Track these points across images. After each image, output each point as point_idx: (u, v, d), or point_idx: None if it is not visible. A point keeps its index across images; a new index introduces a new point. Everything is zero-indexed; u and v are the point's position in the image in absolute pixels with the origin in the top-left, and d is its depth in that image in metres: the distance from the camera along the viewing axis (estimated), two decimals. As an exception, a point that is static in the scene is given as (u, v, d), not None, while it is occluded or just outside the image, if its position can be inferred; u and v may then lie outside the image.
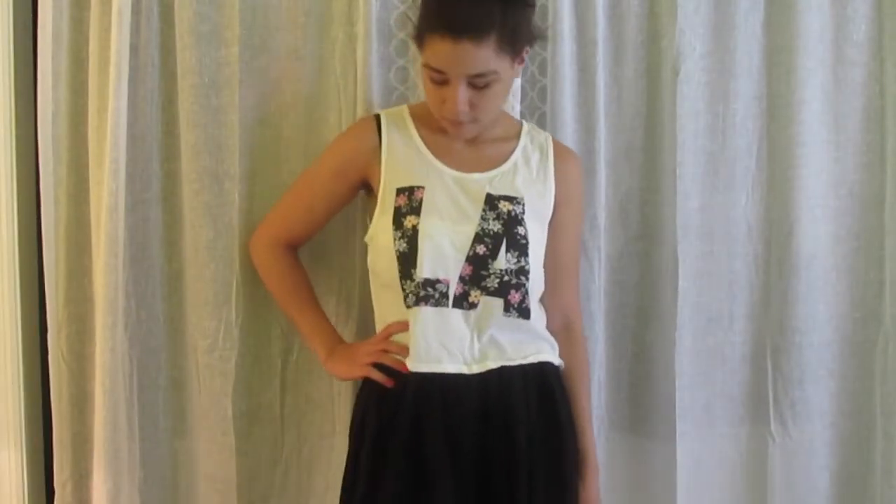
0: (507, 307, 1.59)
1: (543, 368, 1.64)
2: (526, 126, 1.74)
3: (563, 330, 1.73)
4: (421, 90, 1.79)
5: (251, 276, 1.80)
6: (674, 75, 1.89)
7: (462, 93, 1.52)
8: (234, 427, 1.81)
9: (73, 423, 1.84)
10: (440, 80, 1.52)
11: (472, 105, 1.54)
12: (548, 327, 1.69)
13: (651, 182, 1.95)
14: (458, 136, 1.63)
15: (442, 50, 1.49)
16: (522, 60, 1.59)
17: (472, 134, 1.63)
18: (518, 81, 1.83)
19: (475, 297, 1.57)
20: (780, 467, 2.00)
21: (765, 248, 1.98)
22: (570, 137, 1.87)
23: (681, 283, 1.90)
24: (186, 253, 1.84)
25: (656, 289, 1.96)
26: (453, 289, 1.57)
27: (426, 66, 1.53)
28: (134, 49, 1.77)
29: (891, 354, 2.02)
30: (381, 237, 1.61)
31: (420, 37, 1.53)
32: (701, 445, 1.96)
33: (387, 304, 1.64)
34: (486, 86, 1.52)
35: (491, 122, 1.64)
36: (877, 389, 2.03)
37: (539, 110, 1.90)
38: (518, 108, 1.85)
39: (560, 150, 1.73)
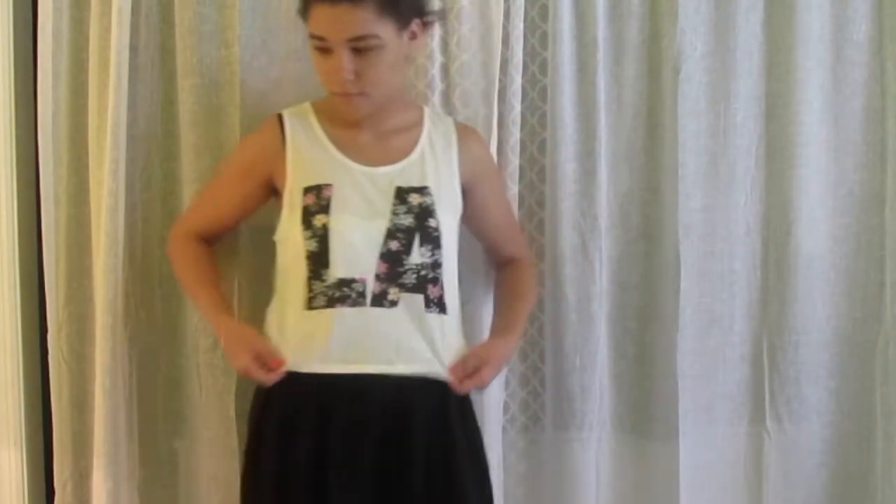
0: (428, 303, 1.57)
1: (449, 384, 1.58)
2: (427, 110, 1.72)
3: (514, 259, 1.79)
4: (422, 89, 1.80)
5: (252, 276, 1.79)
6: (674, 75, 1.89)
7: (345, 59, 1.50)
8: (236, 427, 1.81)
9: (73, 423, 1.84)
10: (323, 47, 1.51)
11: (358, 74, 1.51)
12: (497, 262, 1.80)
13: (652, 182, 1.95)
14: (351, 114, 1.59)
15: (321, 15, 1.49)
16: (414, 35, 1.56)
17: (365, 111, 1.59)
18: (519, 80, 1.83)
19: (394, 294, 1.55)
20: (776, 464, 2.00)
21: (763, 247, 1.98)
22: (569, 137, 1.87)
23: (683, 283, 1.90)
24: (187, 253, 1.83)
25: (657, 290, 1.96)
26: (370, 287, 1.54)
27: (310, 36, 1.53)
28: (134, 49, 1.77)
29: (891, 354, 2.01)
30: (290, 237, 1.57)
31: (304, 10, 1.53)
32: (703, 445, 1.96)
33: (288, 305, 1.58)
34: (369, 50, 1.49)
35: (388, 104, 1.61)
36: (877, 389, 2.03)
37: (539, 110, 1.90)
38: (518, 108, 1.85)
39: (462, 134, 1.70)
